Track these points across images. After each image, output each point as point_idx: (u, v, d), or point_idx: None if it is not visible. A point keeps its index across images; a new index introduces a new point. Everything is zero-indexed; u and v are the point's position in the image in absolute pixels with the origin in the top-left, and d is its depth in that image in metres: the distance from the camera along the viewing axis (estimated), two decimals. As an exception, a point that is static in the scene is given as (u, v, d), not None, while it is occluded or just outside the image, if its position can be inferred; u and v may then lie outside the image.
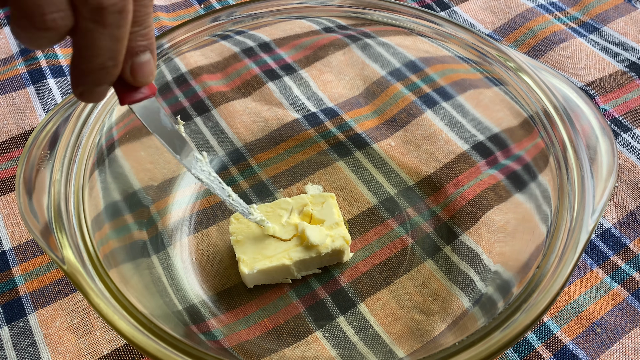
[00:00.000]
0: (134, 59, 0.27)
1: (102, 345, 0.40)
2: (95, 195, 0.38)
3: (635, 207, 0.47)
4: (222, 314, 0.41)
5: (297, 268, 0.41)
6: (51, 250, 0.32)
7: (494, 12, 0.66)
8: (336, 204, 0.44)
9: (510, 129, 0.44)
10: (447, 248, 0.44)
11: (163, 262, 0.43)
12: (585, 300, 0.42)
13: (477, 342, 0.29)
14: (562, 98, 0.39)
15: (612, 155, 0.36)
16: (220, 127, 0.53)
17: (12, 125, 0.54)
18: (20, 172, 0.35)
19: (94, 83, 0.26)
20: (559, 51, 0.60)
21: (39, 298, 0.42)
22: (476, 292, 0.41)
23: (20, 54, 0.60)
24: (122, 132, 0.43)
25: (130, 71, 0.28)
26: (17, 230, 0.46)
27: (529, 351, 0.40)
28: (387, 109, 0.54)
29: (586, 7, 0.66)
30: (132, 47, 0.27)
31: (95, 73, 0.26)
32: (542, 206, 0.39)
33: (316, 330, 0.41)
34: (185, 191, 0.48)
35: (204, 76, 0.53)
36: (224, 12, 0.45)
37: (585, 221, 0.33)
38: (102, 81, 0.26)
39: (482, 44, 0.43)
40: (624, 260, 0.44)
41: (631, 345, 0.40)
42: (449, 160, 0.50)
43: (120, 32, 0.25)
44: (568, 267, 0.31)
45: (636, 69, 0.58)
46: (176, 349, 0.29)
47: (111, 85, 0.27)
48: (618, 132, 0.53)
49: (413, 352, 0.39)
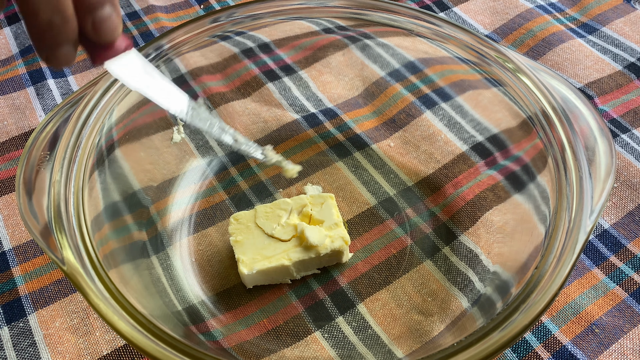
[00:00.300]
0: (93, 15, 0.26)
1: (102, 346, 0.40)
2: (95, 196, 0.38)
3: (634, 207, 0.48)
4: (222, 315, 0.41)
5: (297, 268, 0.41)
6: (51, 251, 0.32)
7: (493, 12, 0.66)
8: (335, 205, 0.44)
9: (509, 129, 0.45)
10: (446, 248, 0.45)
11: (162, 263, 0.43)
12: (583, 300, 0.42)
13: (475, 343, 0.29)
14: (561, 99, 0.39)
15: (610, 157, 0.36)
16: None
17: (12, 126, 0.54)
18: (20, 173, 0.35)
19: (52, 45, 0.26)
20: (558, 52, 0.60)
21: (38, 298, 0.42)
22: (475, 293, 0.42)
23: (20, 55, 0.60)
24: (121, 133, 0.43)
25: (92, 28, 0.26)
26: (17, 230, 0.46)
27: (527, 351, 0.40)
28: (387, 110, 0.54)
29: (585, 7, 0.66)
30: (89, 1, 0.26)
31: (47, 32, 0.25)
32: (541, 207, 0.39)
33: (315, 331, 0.41)
34: (185, 192, 0.48)
35: (203, 77, 0.53)
36: (223, 13, 0.45)
37: (584, 222, 0.33)
38: (58, 41, 0.26)
39: (481, 45, 0.43)
40: (622, 260, 0.44)
41: (629, 345, 0.40)
42: (448, 160, 0.50)
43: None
44: (566, 267, 0.31)
45: (635, 70, 0.58)
46: (175, 350, 0.29)
47: (75, 45, 0.27)
48: (617, 133, 0.53)
49: (412, 353, 0.39)
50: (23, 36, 0.62)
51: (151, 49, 0.43)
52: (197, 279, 0.43)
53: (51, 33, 0.25)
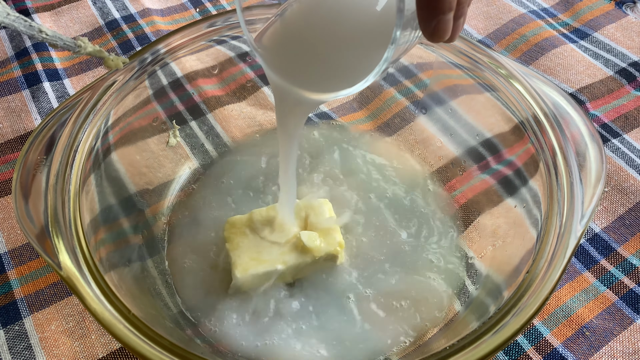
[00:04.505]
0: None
1: (98, 349, 0.40)
2: (91, 200, 0.38)
3: (624, 211, 0.48)
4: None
5: (291, 272, 0.42)
6: (47, 255, 0.32)
7: (486, 17, 0.66)
8: (331, 208, 0.44)
9: (502, 134, 0.45)
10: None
11: (158, 266, 0.44)
12: (574, 303, 0.43)
13: (468, 346, 0.30)
14: (552, 105, 0.40)
15: (600, 162, 0.37)
16: (216, 131, 0.53)
17: (7, 129, 0.54)
18: (17, 176, 0.35)
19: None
20: (550, 57, 0.61)
21: (34, 301, 0.42)
22: (468, 296, 0.42)
23: (16, 57, 0.60)
24: (117, 137, 0.43)
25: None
26: (13, 233, 0.46)
27: (519, 354, 0.40)
28: (381, 114, 0.55)
29: (577, 13, 0.67)
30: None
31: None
32: (533, 211, 0.40)
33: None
34: (181, 195, 0.48)
35: (199, 80, 0.54)
36: (220, 17, 0.45)
37: (574, 227, 0.34)
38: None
39: (473, 51, 0.44)
40: (613, 264, 0.45)
41: (619, 348, 0.41)
42: (442, 165, 0.50)
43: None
44: (557, 271, 0.32)
45: (626, 75, 0.59)
46: (171, 353, 0.29)
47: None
48: (608, 138, 0.53)
49: (405, 355, 0.40)
50: (19, 38, 0.62)
51: (147, 54, 0.43)
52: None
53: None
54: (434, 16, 0.27)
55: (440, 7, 0.27)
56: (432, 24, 0.27)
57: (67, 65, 0.60)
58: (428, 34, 0.28)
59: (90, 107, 0.39)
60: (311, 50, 0.31)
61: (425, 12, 0.27)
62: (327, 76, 0.31)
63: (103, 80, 0.40)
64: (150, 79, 0.44)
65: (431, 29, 0.28)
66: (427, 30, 0.28)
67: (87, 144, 0.38)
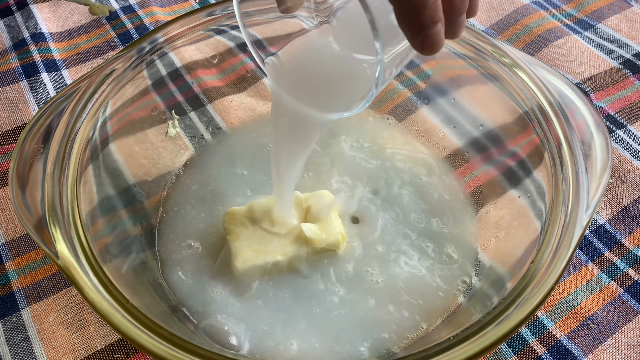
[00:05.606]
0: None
1: (96, 340, 0.40)
2: (89, 190, 0.38)
3: (629, 203, 0.48)
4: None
5: (292, 263, 0.41)
6: (45, 245, 0.31)
7: (489, 8, 0.66)
8: (332, 199, 0.44)
9: (506, 125, 0.45)
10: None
11: (157, 257, 0.43)
12: (579, 295, 0.42)
13: (471, 337, 0.29)
14: (557, 94, 0.39)
15: (606, 152, 0.36)
16: (215, 122, 0.53)
17: (5, 120, 0.53)
18: (14, 166, 0.34)
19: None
20: (554, 48, 0.60)
21: (32, 293, 0.42)
22: (471, 288, 0.42)
23: (14, 48, 0.60)
24: (116, 127, 0.42)
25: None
26: (10, 225, 0.46)
27: (522, 346, 0.40)
28: (383, 105, 0.54)
29: (581, 4, 0.66)
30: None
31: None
32: (537, 202, 0.39)
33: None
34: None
35: (198, 71, 0.53)
36: (219, 6, 0.45)
37: (580, 217, 0.33)
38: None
39: (477, 40, 0.43)
40: (617, 256, 0.45)
41: (624, 340, 0.40)
42: (445, 156, 0.50)
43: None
44: (562, 262, 0.31)
45: (630, 66, 0.58)
46: (170, 343, 0.29)
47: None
48: (612, 129, 0.53)
49: (407, 347, 0.39)
50: (16, 29, 0.62)
51: (146, 43, 0.42)
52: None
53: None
54: (418, 33, 0.25)
55: (421, 23, 0.25)
56: (418, 41, 0.25)
57: (65, 56, 0.59)
58: (418, 50, 0.26)
59: (88, 96, 0.38)
60: (317, 79, 0.35)
61: (407, 32, 0.25)
62: (329, 99, 0.34)
63: (101, 69, 0.40)
64: (149, 69, 0.44)
65: (419, 47, 0.26)
66: (415, 47, 0.26)
67: (84, 134, 0.37)
